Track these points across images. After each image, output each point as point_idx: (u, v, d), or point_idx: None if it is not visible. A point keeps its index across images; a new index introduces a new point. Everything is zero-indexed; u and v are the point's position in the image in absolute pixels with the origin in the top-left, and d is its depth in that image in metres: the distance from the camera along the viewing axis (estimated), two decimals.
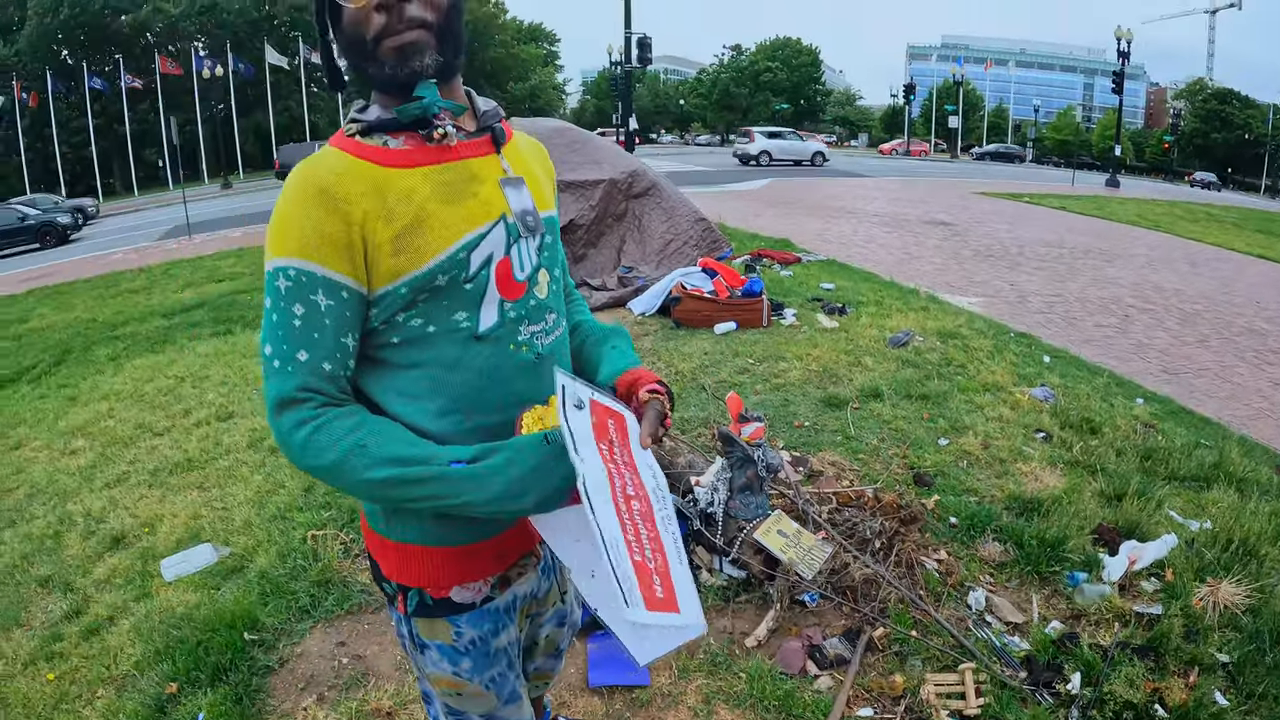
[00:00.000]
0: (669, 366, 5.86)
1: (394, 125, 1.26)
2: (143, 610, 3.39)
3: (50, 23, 63.92)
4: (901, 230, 13.79)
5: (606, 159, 9.11)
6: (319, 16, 1.33)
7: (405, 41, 1.23)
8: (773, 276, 8.96)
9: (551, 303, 1.40)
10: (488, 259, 1.28)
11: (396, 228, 1.21)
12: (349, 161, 1.23)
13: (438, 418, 1.28)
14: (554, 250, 1.43)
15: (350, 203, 1.19)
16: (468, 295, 1.26)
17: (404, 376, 1.28)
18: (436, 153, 1.27)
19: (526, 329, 1.33)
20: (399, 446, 1.19)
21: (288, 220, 1.19)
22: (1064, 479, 4.06)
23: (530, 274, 1.34)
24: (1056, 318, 7.75)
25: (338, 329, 1.21)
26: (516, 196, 1.34)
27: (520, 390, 1.32)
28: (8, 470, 5.38)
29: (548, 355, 1.37)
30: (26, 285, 15.34)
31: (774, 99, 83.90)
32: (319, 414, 1.20)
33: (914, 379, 5.46)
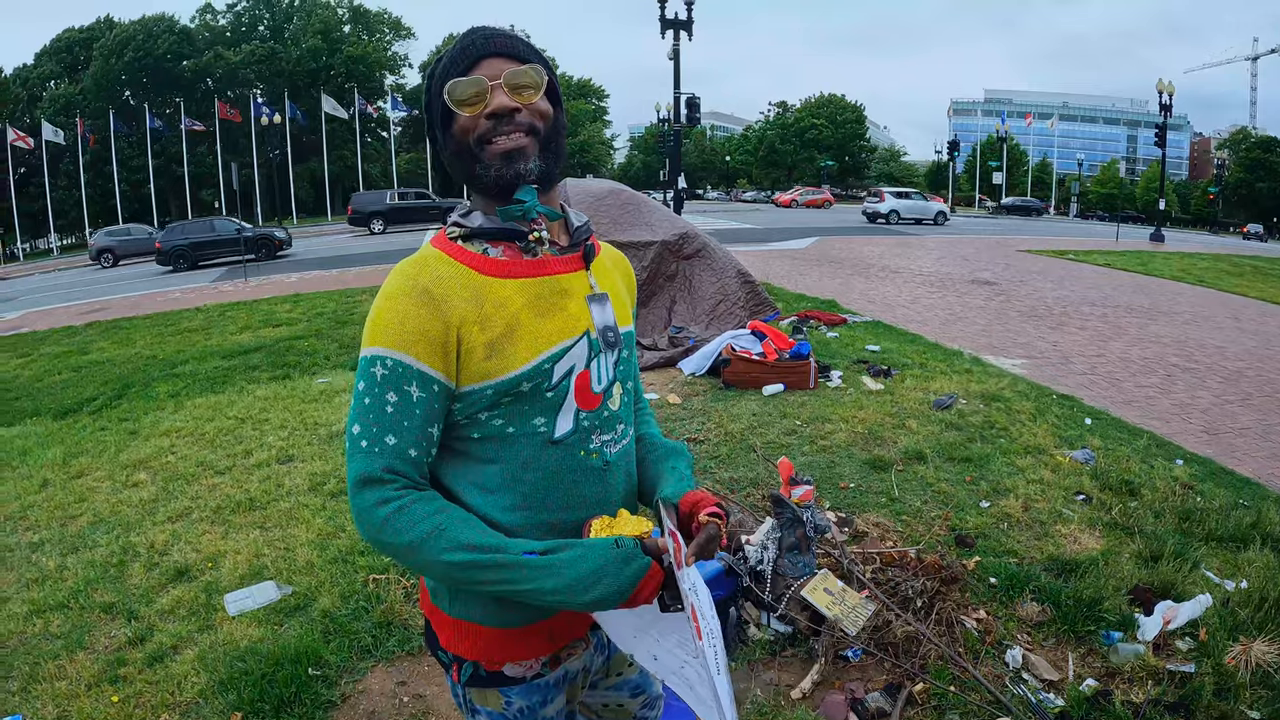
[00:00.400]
0: (719, 427, 6.04)
1: (495, 234, 1.38)
2: (207, 641, 3.55)
3: (115, 64, 66.15)
4: (946, 290, 13.89)
5: (658, 221, 9.37)
6: (429, 125, 1.45)
7: (512, 146, 1.35)
8: (819, 338, 9.14)
9: (623, 414, 1.49)
10: (569, 370, 1.37)
11: (490, 334, 1.31)
12: (451, 266, 1.34)
13: (508, 511, 1.36)
14: (629, 364, 1.53)
15: (450, 306, 1.30)
16: (548, 402, 1.36)
17: (481, 470, 1.37)
18: (531, 266, 1.38)
19: (598, 437, 1.42)
20: (475, 534, 1.27)
21: (389, 314, 1.29)
22: (1102, 540, 4.17)
23: (606, 386, 1.43)
24: (1099, 378, 7.82)
25: (426, 419, 1.31)
26: (600, 313, 1.43)
27: (587, 493, 1.41)
28: (70, 498, 5.61)
29: (614, 462, 1.46)
30: (87, 318, 15.78)
31: (819, 155, 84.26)
32: (401, 495, 1.28)
33: (957, 442, 5.59)
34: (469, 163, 1.38)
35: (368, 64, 71.68)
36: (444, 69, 1.39)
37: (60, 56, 71.50)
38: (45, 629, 3.83)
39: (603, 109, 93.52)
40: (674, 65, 23.72)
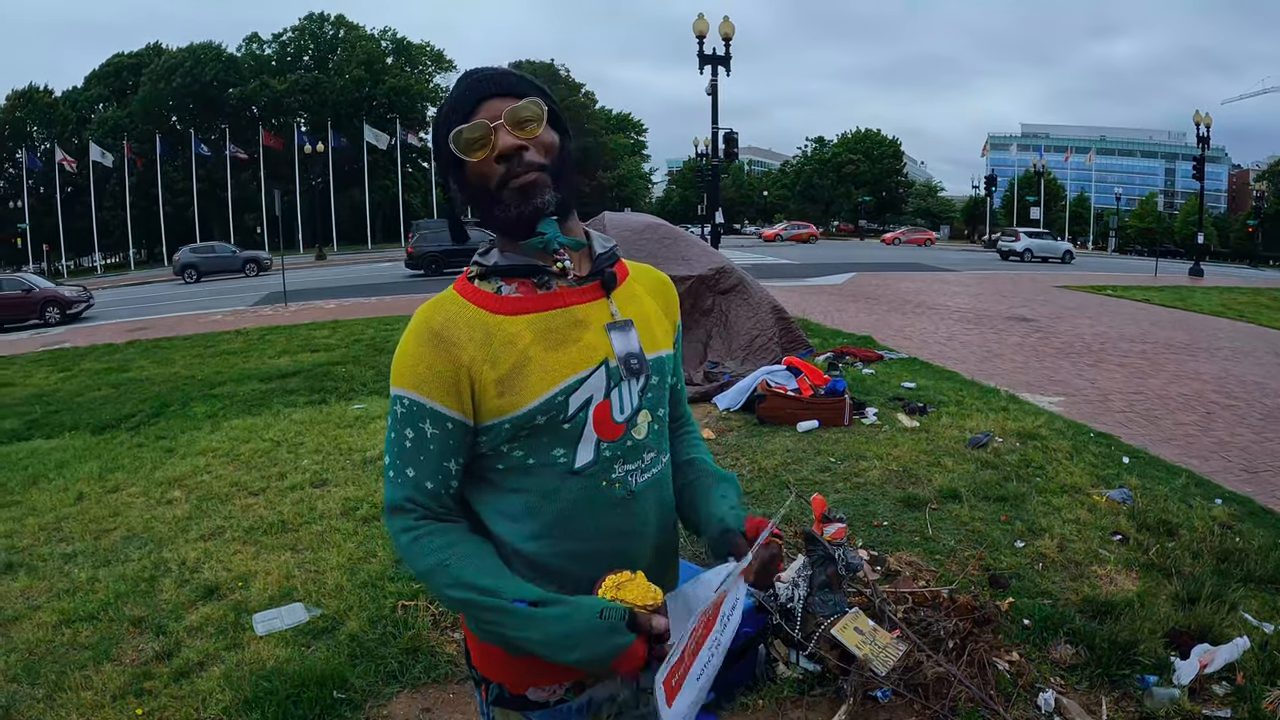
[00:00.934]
0: (752, 463, 6.02)
1: (509, 271, 1.41)
2: (233, 659, 3.58)
3: (163, 89, 67.71)
4: (983, 326, 13.81)
5: (695, 255, 9.40)
6: (441, 172, 1.47)
7: (526, 182, 1.37)
8: (855, 374, 9.08)
9: (650, 441, 1.47)
10: (587, 401, 1.38)
11: (500, 371, 1.34)
12: (463, 307, 1.38)
13: (531, 540, 1.39)
14: (659, 391, 1.49)
15: (459, 347, 1.35)
16: (566, 434, 1.37)
17: (505, 500, 1.41)
18: (543, 300, 1.40)
19: (621, 467, 1.42)
20: (475, 573, 1.31)
21: (406, 356, 1.36)
22: (1139, 582, 4.09)
23: (630, 416, 1.43)
24: (1137, 416, 7.71)
25: (441, 454, 1.37)
26: (622, 340, 1.43)
27: (610, 524, 1.42)
28: (105, 511, 5.73)
29: (641, 492, 1.45)
30: (129, 336, 16.04)
31: (856, 191, 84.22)
32: (419, 525, 1.36)
33: (992, 480, 5.52)
34: (487, 205, 1.40)
35: (409, 95, 72.90)
36: (445, 117, 1.40)
37: (109, 81, 73.31)
38: (74, 639, 3.89)
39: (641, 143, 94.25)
40: (712, 100, 23.77)
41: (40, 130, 70.14)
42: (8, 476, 6.82)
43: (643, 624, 1.25)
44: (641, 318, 1.50)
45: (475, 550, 1.35)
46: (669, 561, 1.58)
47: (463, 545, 1.35)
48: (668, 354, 1.54)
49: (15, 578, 4.68)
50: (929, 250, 48.91)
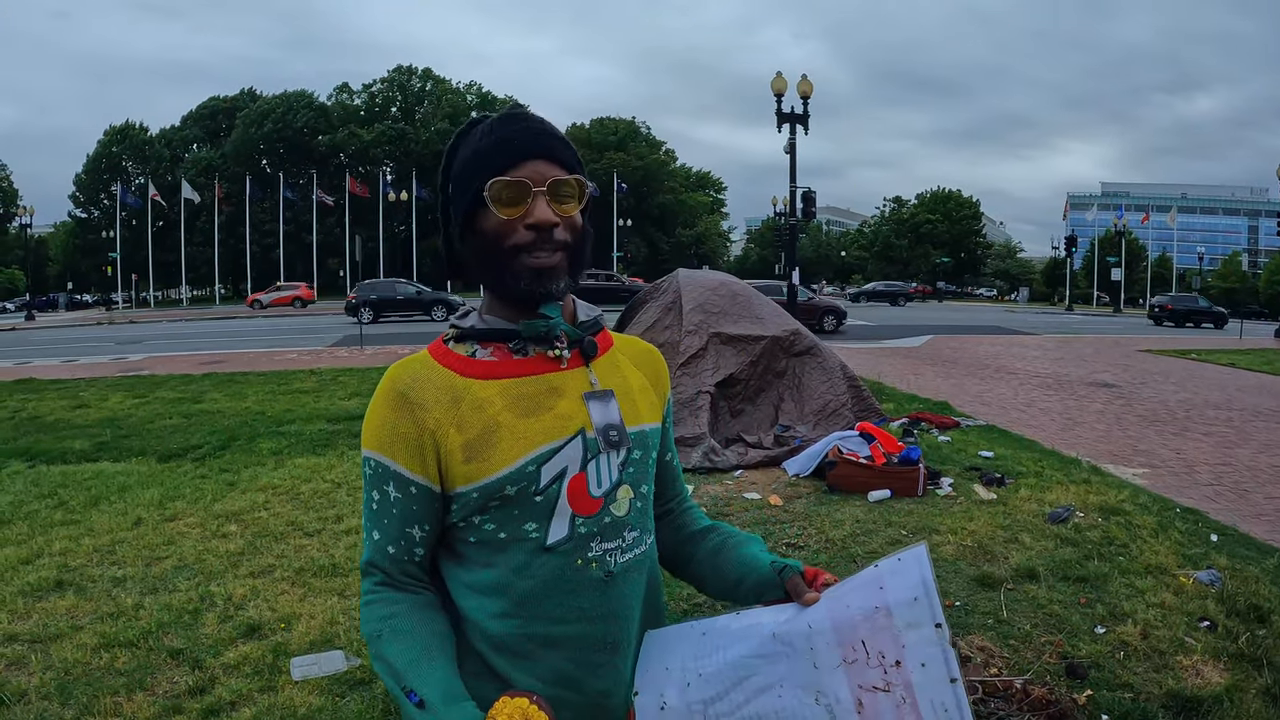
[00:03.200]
0: (820, 533, 5.83)
1: (486, 335, 1.35)
2: (265, 703, 3.52)
3: (255, 133, 70.55)
4: (1063, 392, 13.46)
5: (769, 315, 9.27)
6: (444, 206, 1.39)
7: (547, 265, 1.30)
8: (930, 442, 8.85)
9: (632, 520, 1.36)
10: (561, 473, 1.29)
11: (467, 435, 1.27)
12: (432, 369, 1.32)
13: (496, 618, 1.31)
14: (642, 466, 1.40)
15: (425, 409, 1.28)
16: (538, 507, 1.28)
17: (474, 574, 1.33)
18: (519, 365, 1.33)
19: (599, 545, 1.32)
20: (396, 652, 1.25)
21: (373, 416, 1.31)
22: (1227, 674, 3.79)
23: (609, 490, 1.33)
24: (1225, 490, 7.35)
25: (403, 519, 1.31)
26: (601, 411, 1.35)
27: (584, 605, 1.31)
28: (160, 539, 5.76)
29: (621, 573, 1.34)
30: (206, 368, 16.43)
31: (934, 251, 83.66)
32: (375, 591, 1.33)
33: (1073, 559, 5.25)
34: (495, 266, 1.32)
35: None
36: (481, 157, 1.31)
37: (204, 122, 76.63)
38: (111, 664, 3.90)
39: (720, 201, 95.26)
40: (790, 158, 23.84)
41: (135, 165, 73.31)
42: (71, 495, 6.92)
43: None
44: (623, 389, 1.41)
45: (409, 627, 1.28)
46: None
47: (401, 619, 1.29)
48: (652, 427, 1.44)
49: (63, 595, 4.74)
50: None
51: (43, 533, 5.92)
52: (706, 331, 8.59)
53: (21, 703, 3.54)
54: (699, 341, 8.48)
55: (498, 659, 1.31)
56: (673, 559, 1.58)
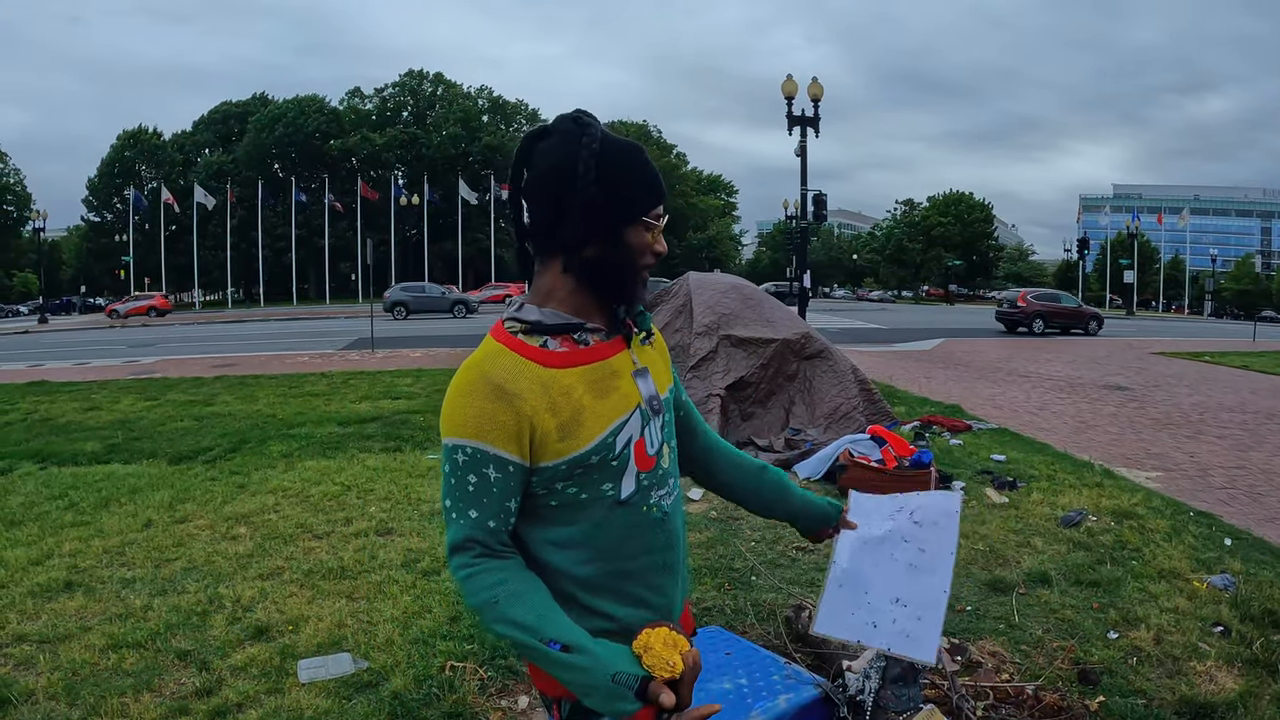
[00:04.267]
0: None
1: (554, 329, 1.53)
2: (272, 704, 3.50)
3: (266, 138, 70.86)
4: (1076, 395, 13.39)
5: (780, 318, 9.26)
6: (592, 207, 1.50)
7: (648, 275, 1.62)
8: (942, 445, 8.80)
9: (671, 469, 1.68)
10: (629, 440, 1.55)
11: (561, 419, 1.48)
12: (518, 362, 1.49)
13: (584, 564, 1.54)
14: (671, 425, 1.71)
15: (522, 398, 1.46)
16: (613, 469, 1.54)
17: (558, 531, 1.55)
18: (586, 354, 1.55)
19: (656, 493, 1.61)
20: (521, 611, 1.42)
21: (465, 407, 1.46)
22: (1241, 680, 3.74)
23: (658, 448, 1.62)
24: (1240, 494, 7.28)
25: (503, 495, 1.48)
26: (645, 385, 1.62)
27: (650, 542, 1.60)
28: (170, 541, 5.76)
29: (670, 512, 1.64)
30: (217, 371, 16.45)
31: (946, 254, 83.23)
32: (477, 563, 1.47)
33: (1085, 563, 5.20)
34: (627, 275, 1.57)
35: (504, 153, 74.92)
36: (651, 184, 1.56)
37: (216, 127, 76.90)
38: (118, 664, 3.89)
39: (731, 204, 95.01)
40: (801, 161, 23.77)
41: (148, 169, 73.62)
42: (82, 497, 6.92)
43: (651, 694, 1.36)
44: (651, 364, 1.68)
45: (524, 588, 1.46)
46: (687, 560, 1.80)
47: (514, 583, 1.46)
48: (670, 392, 1.74)
49: (72, 596, 4.73)
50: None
51: (53, 534, 5.92)
52: (717, 334, 8.56)
53: (29, 703, 3.53)
54: (709, 344, 8.45)
55: (585, 595, 1.54)
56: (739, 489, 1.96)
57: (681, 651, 1.41)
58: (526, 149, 1.57)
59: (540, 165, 1.54)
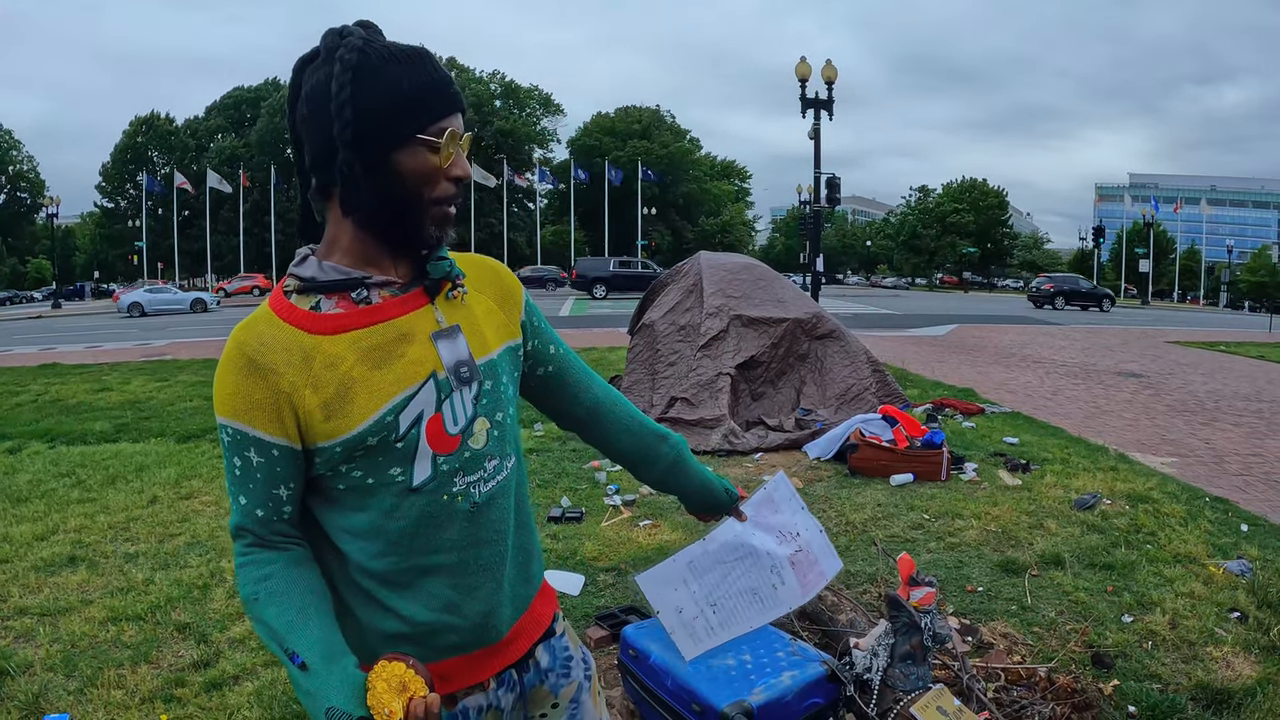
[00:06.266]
0: (840, 516, 5.72)
1: (329, 286, 1.31)
2: (269, 676, 3.51)
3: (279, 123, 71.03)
4: (1090, 381, 13.26)
5: (791, 298, 9.17)
6: (355, 146, 1.26)
7: (450, 215, 1.35)
8: (955, 427, 8.74)
9: (491, 449, 1.40)
10: (417, 417, 1.31)
11: (324, 395, 1.27)
12: (278, 328, 1.29)
13: (377, 558, 1.34)
14: (494, 396, 1.42)
15: (277, 373, 1.26)
16: (399, 452, 1.30)
17: (349, 518, 1.34)
18: (365, 314, 1.32)
19: (462, 480, 1.36)
20: (275, 613, 1.26)
21: (223, 383, 1.28)
22: (1259, 667, 3.66)
23: (464, 426, 1.36)
24: (1256, 480, 7.17)
25: (269, 481, 1.30)
26: (450, 349, 1.36)
27: (454, 537, 1.36)
28: (175, 516, 5.81)
29: (485, 503, 1.39)
30: None
31: (961, 242, 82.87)
32: (248, 553, 1.32)
33: (1099, 546, 5.12)
34: (411, 214, 1.32)
35: (517, 137, 74.82)
36: (416, 96, 1.27)
37: (228, 112, 77.00)
38: (117, 636, 3.92)
39: (745, 190, 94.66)
40: (814, 144, 23.67)
41: (160, 156, 73.80)
42: (89, 475, 6.94)
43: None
44: (469, 321, 1.42)
45: (285, 588, 1.29)
46: (531, 559, 1.54)
47: (276, 580, 1.29)
48: (501, 351, 1.46)
49: (75, 571, 4.77)
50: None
51: (59, 510, 5.94)
52: (728, 314, 8.49)
53: (26, 674, 3.54)
54: (720, 324, 8.38)
55: (383, 591, 1.35)
56: (630, 458, 1.73)
57: (411, 697, 1.18)
58: (297, 74, 1.33)
59: (305, 90, 1.30)
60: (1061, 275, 46.06)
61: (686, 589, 1.72)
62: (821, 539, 1.80)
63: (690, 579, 1.72)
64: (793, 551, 1.75)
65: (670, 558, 1.75)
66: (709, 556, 1.73)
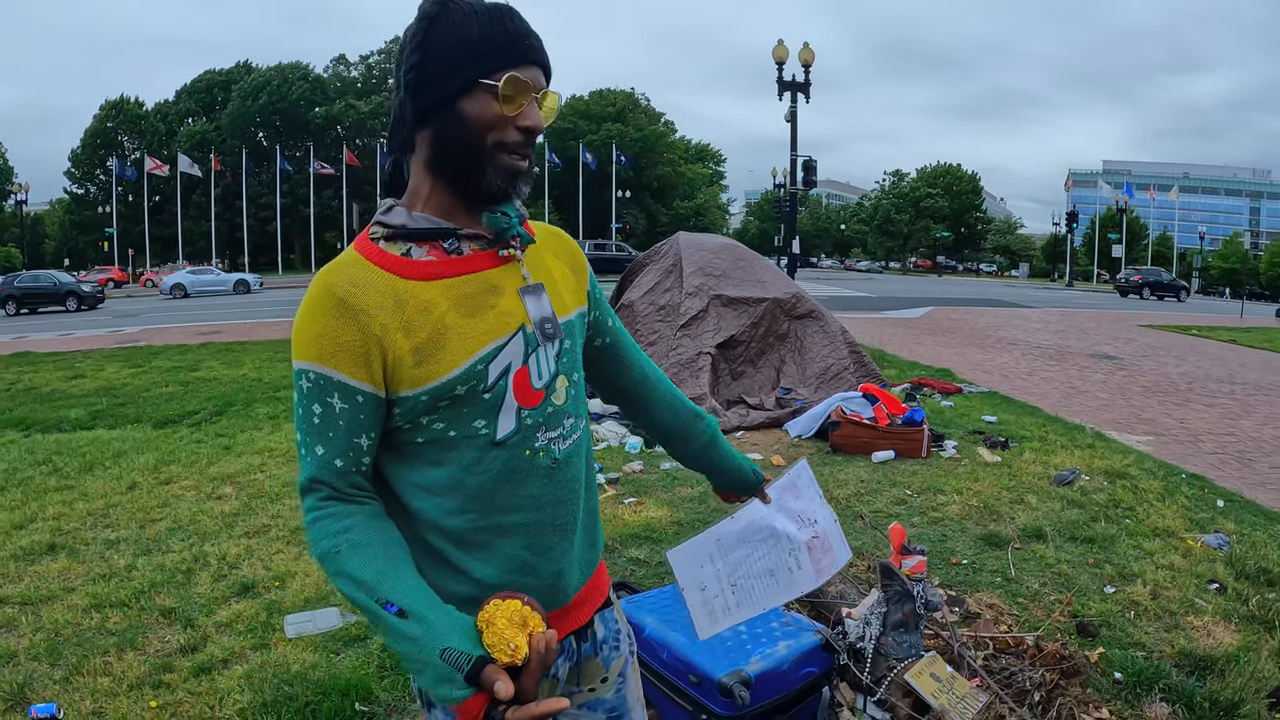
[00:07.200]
0: (823, 492, 5.67)
1: (420, 234, 1.31)
2: (258, 660, 3.49)
3: (250, 106, 70.02)
4: (1065, 363, 13.40)
5: (770, 278, 9.19)
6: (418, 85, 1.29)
7: (519, 168, 1.32)
8: (933, 406, 8.81)
9: (569, 408, 1.40)
10: (505, 369, 1.31)
11: (416, 340, 1.25)
12: (370, 271, 1.27)
13: (453, 515, 1.31)
14: (573, 355, 1.43)
15: (369, 315, 1.24)
16: (486, 404, 1.29)
17: (426, 474, 1.32)
18: (458, 264, 1.31)
19: (544, 435, 1.35)
20: (360, 565, 1.22)
21: (308, 326, 1.25)
22: (1239, 635, 3.74)
23: (548, 381, 1.36)
24: (1229, 458, 7.28)
25: (350, 430, 1.27)
26: (535, 305, 1.36)
27: (536, 494, 1.35)
28: (155, 502, 5.76)
29: (564, 460, 1.39)
30: (203, 339, 16.36)
31: (934, 226, 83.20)
32: (322, 506, 1.27)
33: (1079, 520, 5.19)
34: (474, 160, 1.30)
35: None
36: (486, 45, 1.27)
37: (199, 96, 75.94)
38: (102, 624, 3.86)
39: (720, 173, 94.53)
40: (791, 127, 23.63)
41: (131, 140, 72.70)
42: (66, 462, 6.87)
43: (484, 680, 1.13)
44: (550, 281, 1.42)
45: (369, 538, 1.25)
46: (596, 523, 1.54)
47: (359, 531, 1.26)
48: (578, 314, 1.48)
49: (55, 559, 4.71)
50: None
51: (36, 498, 5.87)
52: (708, 294, 8.49)
53: (10, 665, 3.49)
54: (700, 304, 8.39)
55: (455, 552, 1.32)
56: (668, 433, 1.75)
57: (532, 633, 1.16)
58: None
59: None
60: (1146, 269, 50.95)
61: (712, 566, 1.73)
62: (836, 529, 1.83)
63: (716, 556, 1.73)
64: (810, 537, 1.78)
65: (701, 533, 1.75)
66: (735, 535, 1.74)
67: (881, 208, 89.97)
